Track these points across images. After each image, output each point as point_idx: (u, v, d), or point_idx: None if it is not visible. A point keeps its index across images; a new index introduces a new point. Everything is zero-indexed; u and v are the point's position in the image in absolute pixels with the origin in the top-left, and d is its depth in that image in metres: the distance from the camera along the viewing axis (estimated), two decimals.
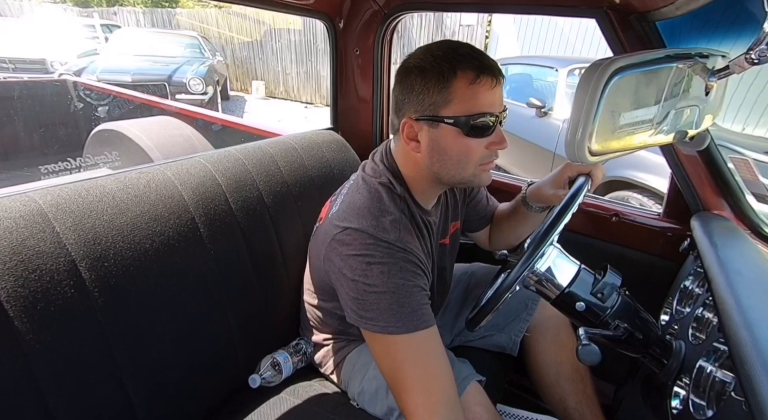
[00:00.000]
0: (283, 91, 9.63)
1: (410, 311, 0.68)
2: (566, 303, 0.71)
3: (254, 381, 0.94)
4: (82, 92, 3.65)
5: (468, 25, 7.05)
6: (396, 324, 0.67)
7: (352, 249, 0.71)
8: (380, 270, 0.68)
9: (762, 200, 1.83)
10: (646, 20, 0.85)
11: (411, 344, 0.68)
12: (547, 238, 0.67)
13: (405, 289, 0.69)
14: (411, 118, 0.72)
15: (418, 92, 0.70)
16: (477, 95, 0.68)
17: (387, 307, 0.68)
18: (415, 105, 0.71)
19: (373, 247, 0.70)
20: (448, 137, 0.71)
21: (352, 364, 0.93)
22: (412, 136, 0.74)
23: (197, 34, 7.96)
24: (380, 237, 0.70)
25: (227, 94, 8.61)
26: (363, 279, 0.69)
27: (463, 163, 0.73)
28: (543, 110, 3.49)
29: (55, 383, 0.64)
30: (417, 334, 0.68)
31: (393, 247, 0.70)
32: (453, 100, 0.69)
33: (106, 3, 13.45)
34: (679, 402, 0.64)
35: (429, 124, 0.71)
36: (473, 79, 0.68)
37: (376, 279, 0.68)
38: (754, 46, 0.60)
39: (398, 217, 0.75)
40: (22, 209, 0.65)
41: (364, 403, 0.89)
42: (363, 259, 0.69)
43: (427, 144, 0.73)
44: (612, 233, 1.18)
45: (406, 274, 0.70)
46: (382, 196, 0.77)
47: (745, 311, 0.54)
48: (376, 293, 0.68)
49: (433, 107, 0.70)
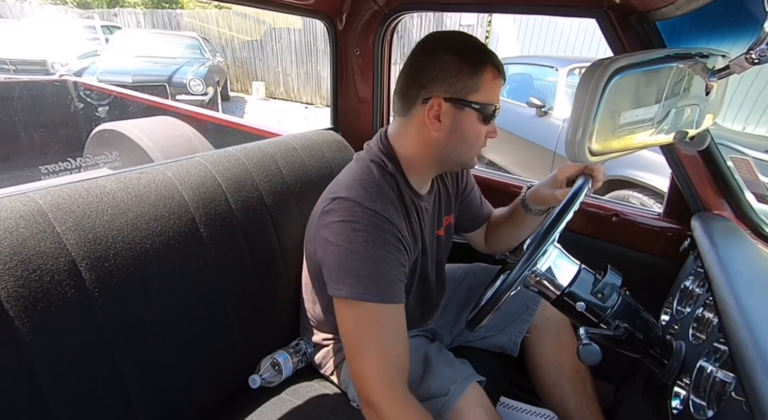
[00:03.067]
0: (283, 92, 9.63)
1: (387, 283, 0.71)
2: (567, 303, 0.71)
3: (254, 381, 0.94)
4: (83, 92, 3.65)
5: (468, 25, 7.05)
6: (373, 292, 0.69)
7: (338, 216, 0.73)
8: (365, 238, 0.71)
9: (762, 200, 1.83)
10: (647, 20, 0.85)
11: (382, 314, 0.71)
12: (547, 238, 0.67)
13: (386, 261, 0.71)
14: (442, 97, 0.74)
15: (452, 73, 0.74)
16: (495, 89, 0.77)
17: (367, 275, 0.70)
18: (445, 85, 0.74)
19: (359, 214, 0.72)
20: (469, 121, 0.76)
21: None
22: (436, 115, 0.76)
23: (197, 35, 7.96)
24: (367, 205, 0.72)
25: (227, 94, 8.62)
26: (347, 244, 0.71)
27: (473, 145, 0.80)
28: (543, 110, 3.49)
29: (55, 383, 0.64)
30: (389, 306, 0.71)
31: (378, 217, 0.72)
32: (481, 88, 0.75)
33: (106, 4, 13.47)
34: (679, 402, 0.64)
35: (456, 106, 0.75)
36: (496, 74, 0.76)
37: (360, 246, 0.70)
38: (755, 46, 0.60)
39: (386, 190, 0.77)
40: (23, 209, 0.66)
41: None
42: (348, 226, 0.71)
43: (449, 125, 0.76)
44: (612, 233, 1.18)
45: (388, 246, 0.72)
46: (373, 171, 0.79)
47: (746, 311, 0.54)
48: (359, 260, 0.70)
49: (464, 91, 0.74)
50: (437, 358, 0.89)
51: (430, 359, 0.88)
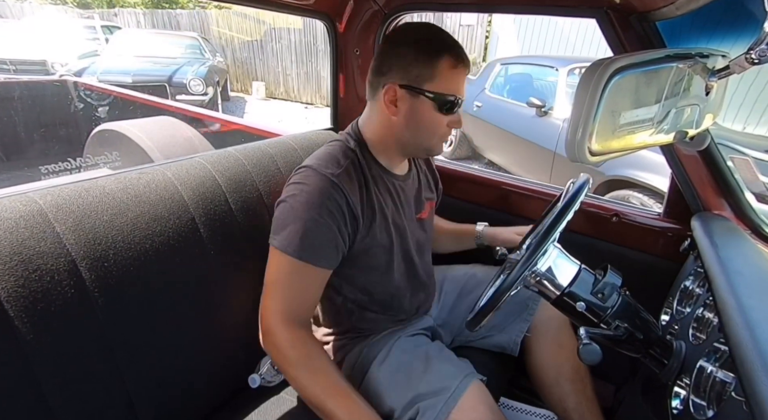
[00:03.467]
0: (283, 92, 9.63)
1: (309, 244, 0.76)
2: (567, 303, 0.71)
3: (254, 381, 0.94)
4: (83, 93, 3.65)
5: (468, 25, 7.05)
6: (293, 247, 0.76)
7: (295, 179, 0.81)
8: (306, 198, 0.77)
9: (762, 200, 1.83)
10: (647, 20, 0.85)
11: (298, 270, 0.77)
12: (547, 238, 0.67)
13: (317, 225, 0.76)
14: (396, 84, 0.79)
15: (408, 61, 0.78)
16: (455, 80, 0.80)
17: (295, 232, 0.76)
18: (401, 72, 0.79)
19: (310, 177, 0.79)
20: (424, 108, 0.80)
21: (352, 364, 0.93)
22: (392, 100, 0.81)
23: (197, 35, 7.96)
24: (319, 170, 0.79)
25: (227, 94, 8.62)
26: (291, 200, 0.78)
27: (431, 133, 0.84)
28: (543, 110, 3.49)
29: (55, 383, 0.64)
30: (306, 266, 0.77)
31: (326, 180, 0.77)
32: (436, 77, 0.78)
33: (106, 4, 13.47)
34: (679, 402, 0.64)
35: (411, 93, 0.79)
36: (455, 63, 0.78)
37: (299, 205, 0.77)
38: (755, 46, 0.60)
39: (342, 161, 0.82)
40: (23, 209, 0.66)
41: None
42: (297, 186, 0.79)
43: (405, 110, 0.81)
44: (612, 233, 1.18)
45: (323, 210, 0.76)
46: (335, 146, 0.86)
47: (746, 311, 0.54)
48: (294, 217, 0.77)
49: (419, 79, 0.78)
50: (438, 356, 0.89)
51: (431, 357, 0.88)
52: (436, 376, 0.83)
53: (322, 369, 0.76)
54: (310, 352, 0.77)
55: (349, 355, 0.94)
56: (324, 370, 0.76)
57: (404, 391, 0.83)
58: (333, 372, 0.76)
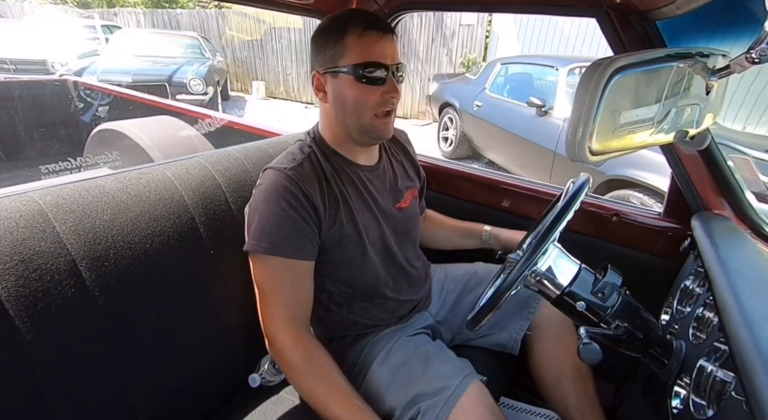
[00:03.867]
0: (283, 92, 9.63)
1: (279, 238, 0.77)
2: (567, 302, 0.71)
3: (254, 380, 0.94)
4: (83, 92, 3.65)
5: (468, 24, 7.05)
6: (263, 244, 0.77)
7: (257, 183, 0.84)
8: (264, 196, 0.79)
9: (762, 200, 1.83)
10: (647, 19, 0.85)
11: (276, 268, 0.79)
12: (548, 238, 0.67)
13: (279, 217, 0.77)
14: (318, 72, 0.83)
15: (320, 48, 0.81)
16: (367, 46, 0.78)
17: (261, 230, 0.78)
18: (320, 60, 0.82)
19: (267, 176, 0.81)
20: (345, 85, 0.80)
21: (353, 364, 0.93)
22: (320, 87, 0.84)
23: (197, 35, 7.96)
24: (275, 167, 0.82)
25: (227, 94, 8.61)
26: (254, 203, 0.81)
27: (360, 109, 0.82)
28: (543, 109, 3.49)
29: (55, 382, 0.64)
30: (282, 260, 0.78)
31: (281, 175, 0.79)
32: (346, 51, 0.78)
33: (106, 4, 13.47)
34: (679, 402, 0.64)
35: (332, 75, 0.81)
36: (361, 32, 0.77)
37: (260, 203, 0.79)
38: (755, 46, 0.60)
39: (299, 156, 0.85)
40: (23, 209, 0.66)
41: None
42: (258, 188, 0.82)
43: (331, 93, 0.83)
44: (612, 233, 1.18)
45: (283, 203, 0.77)
46: (295, 146, 0.90)
47: (746, 311, 0.54)
48: (257, 215, 0.79)
49: (332, 60, 0.80)
50: (438, 356, 0.89)
51: (431, 356, 0.88)
52: (436, 376, 0.83)
53: (324, 373, 0.77)
54: (312, 356, 0.78)
55: (349, 355, 0.94)
56: (327, 374, 0.77)
57: (404, 391, 0.83)
58: (336, 375, 0.77)
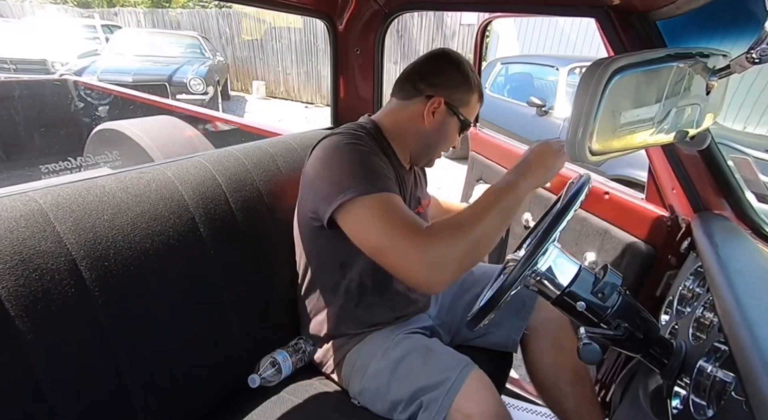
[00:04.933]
0: (283, 91, 9.63)
1: (377, 177, 0.76)
2: (567, 302, 0.71)
3: (254, 381, 0.94)
4: (83, 92, 3.65)
5: (468, 24, 7.05)
6: (366, 186, 0.73)
7: (326, 143, 0.83)
8: (350, 147, 0.79)
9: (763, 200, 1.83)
10: (647, 20, 0.85)
11: (382, 204, 0.73)
12: (547, 238, 0.67)
13: (370, 159, 0.79)
14: (443, 98, 0.90)
15: (455, 84, 0.91)
16: (475, 110, 0.97)
17: (356, 171, 0.75)
18: (447, 91, 0.91)
19: (333, 140, 0.82)
20: (451, 127, 0.93)
21: (353, 363, 0.93)
22: (433, 110, 0.90)
23: (198, 34, 7.96)
24: (342, 131, 0.85)
25: (228, 93, 8.61)
26: (335, 152, 0.80)
27: (441, 145, 0.97)
28: (543, 109, 3.49)
29: (55, 382, 0.64)
30: (387, 196, 0.74)
31: (351, 136, 0.83)
32: (468, 105, 0.94)
33: (106, 3, 13.47)
34: (679, 402, 0.64)
35: (449, 111, 0.91)
36: (479, 99, 0.96)
37: (345, 151, 0.79)
38: (755, 46, 0.60)
39: (362, 132, 0.86)
40: (23, 209, 0.66)
41: (365, 401, 0.90)
42: (337, 141, 0.81)
43: (438, 122, 0.92)
44: (604, 210, 1.22)
45: (371, 153, 0.80)
46: (350, 126, 0.91)
47: (746, 311, 0.54)
48: (347, 161, 0.77)
49: (459, 102, 0.92)
50: (437, 349, 0.90)
51: (431, 350, 0.89)
52: (436, 368, 0.83)
53: (460, 222, 0.72)
54: (445, 228, 0.71)
55: (349, 353, 0.94)
56: (459, 221, 0.72)
57: (406, 386, 0.83)
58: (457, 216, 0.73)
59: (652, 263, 1.06)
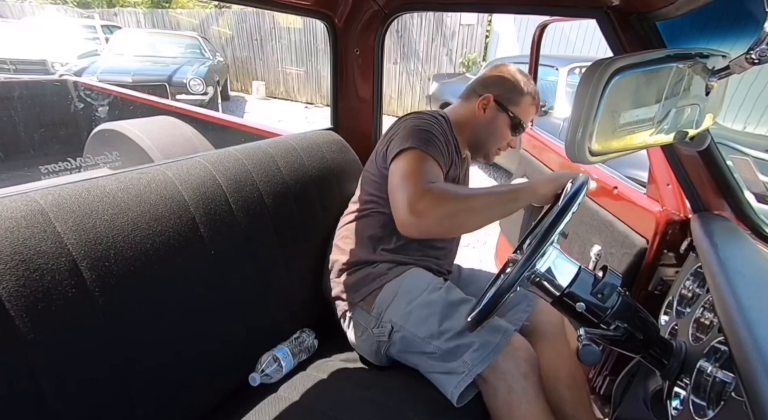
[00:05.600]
0: (283, 92, 9.63)
1: (430, 144, 0.94)
2: (566, 303, 0.71)
3: (254, 380, 0.94)
4: (83, 92, 3.64)
5: (468, 24, 7.04)
6: (422, 146, 0.92)
7: (413, 115, 1.03)
8: (425, 122, 0.99)
9: (762, 200, 1.83)
10: (647, 20, 0.85)
11: (426, 160, 0.91)
12: (546, 239, 0.67)
13: (434, 133, 0.97)
14: (494, 96, 1.07)
15: (506, 86, 1.07)
16: (527, 112, 1.09)
17: (416, 135, 0.94)
18: (499, 90, 1.07)
19: (427, 115, 1.03)
20: (501, 122, 1.08)
21: (394, 291, 0.98)
22: (484, 106, 1.08)
23: (197, 35, 7.96)
24: (432, 115, 1.04)
25: (228, 94, 8.61)
26: (416, 121, 0.99)
27: (493, 141, 1.11)
28: (543, 109, 3.49)
29: (55, 382, 0.64)
30: (426, 157, 0.91)
31: (433, 118, 1.02)
32: (519, 105, 1.07)
33: (106, 4, 13.46)
34: (679, 402, 0.64)
35: (499, 107, 1.07)
36: (531, 102, 1.09)
37: (421, 122, 0.98)
38: (755, 46, 0.60)
39: (439, 118, 1.04)
40: (23, 209, 0.66)
41: (407, 322, 0.95)
42: (419, 115, 1.02)
43: (489, 116, 1.08)
44: (609, 203, 1.26)
45: (438, 130, 0.98)
46: (434, 112, 1.07)
47: (746, 311, 0.54)
48: (419, 127, 0.97)
49: (508, 101, 1.07)
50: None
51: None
52: (489, 325, 0.88)
53: (457, 191, 0.87)
54: (444, 189, 0.86)
55: (389, 283, 1.01)
56: (457, 190, 0.87)
57: (462, 322, 0.89)
58: (463, 189, 0.91)
59: (645, 257, 1.09)
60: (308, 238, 1.13)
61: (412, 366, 0.96)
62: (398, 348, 0.96)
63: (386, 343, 0.97)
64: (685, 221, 1.04)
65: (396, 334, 0.95)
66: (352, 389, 0.93)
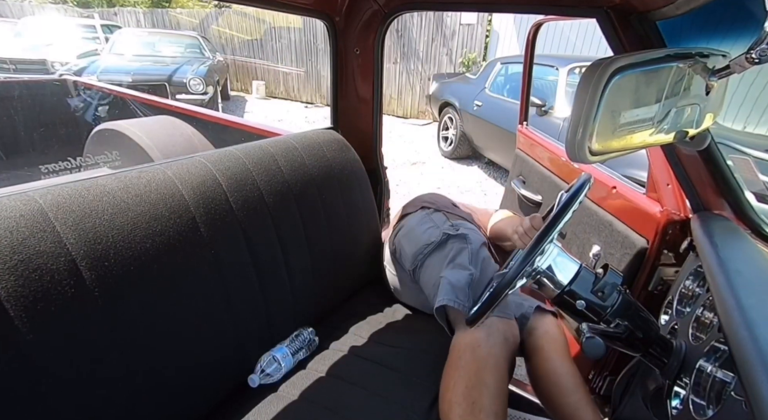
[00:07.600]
0: (283, 91, 9.62)
1: None
2: (567, 301, 0.71)
3: (253, 381, 0.94)
4: (83, 92, 3.64)
5: (468, 24, 7.04)
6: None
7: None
8: None
9: (762, 200, 1.83)
10: (647, 20, 0.85)
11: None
12: (547, 237, 0.67)
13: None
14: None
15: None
16: None
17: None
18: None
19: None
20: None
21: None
22: None
23: (197, 34, 7.95)
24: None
25: (227, 93, 8.60)
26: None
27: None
28: (543, 109, 3.48)
29: (55, 382, 0.64)
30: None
31: None
32: None
33: (106, 3, 13.45)
34: (679, 402, 0.64)
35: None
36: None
37: None
38: (755, 46, 0.60)
39: None
40: (23, 208, 0.66)
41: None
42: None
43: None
44: (607, 203, 1.26)
45: None
46: None
47: (745, 311, 0.54)
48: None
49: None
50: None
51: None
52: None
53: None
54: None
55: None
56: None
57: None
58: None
59: (645, 257, 1.09)
60: (308, 238, 1.13)
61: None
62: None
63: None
64: (685, 221, 1.04)
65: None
66: (352, 384, 0.94)
